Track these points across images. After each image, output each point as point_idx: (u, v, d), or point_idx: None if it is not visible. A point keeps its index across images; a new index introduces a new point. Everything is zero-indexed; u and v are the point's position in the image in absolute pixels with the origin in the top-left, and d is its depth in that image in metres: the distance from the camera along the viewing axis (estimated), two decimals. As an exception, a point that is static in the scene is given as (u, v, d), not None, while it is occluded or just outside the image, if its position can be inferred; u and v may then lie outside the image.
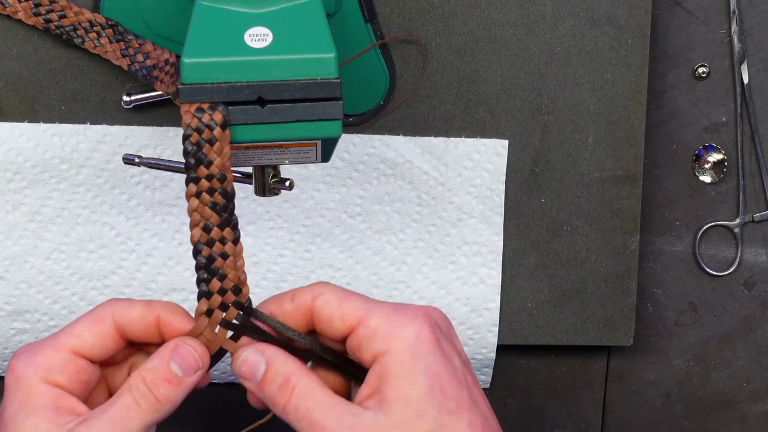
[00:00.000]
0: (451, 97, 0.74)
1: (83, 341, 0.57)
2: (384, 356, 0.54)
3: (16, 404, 0.55)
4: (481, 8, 0.73)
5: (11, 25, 0.70)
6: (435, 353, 0.54)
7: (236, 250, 0.56)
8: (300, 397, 0.55)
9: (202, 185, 0.55)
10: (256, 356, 0.56)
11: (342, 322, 0.56)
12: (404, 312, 0.55)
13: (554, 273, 0.77)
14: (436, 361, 0.54)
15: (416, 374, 0.53)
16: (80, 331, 0.57)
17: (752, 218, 0.80)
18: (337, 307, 0.56)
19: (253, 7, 0.56)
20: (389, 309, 0.55)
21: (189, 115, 0.54)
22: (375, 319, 0.55)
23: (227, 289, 0.56)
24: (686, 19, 0.78)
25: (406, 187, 0.74)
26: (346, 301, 0.56)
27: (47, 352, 0.56)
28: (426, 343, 0.54)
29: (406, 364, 0.54)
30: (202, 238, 0.56)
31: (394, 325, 0.55)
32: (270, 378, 0.56)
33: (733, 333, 0.82)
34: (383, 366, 0.54)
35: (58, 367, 0.56)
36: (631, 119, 0.75)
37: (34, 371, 0.56)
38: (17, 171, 0.72)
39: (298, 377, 0.55)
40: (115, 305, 0.58)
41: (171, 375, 0.56)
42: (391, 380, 0.53)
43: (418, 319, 0.55)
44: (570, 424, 0.83)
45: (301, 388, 0.55)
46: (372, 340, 0.55)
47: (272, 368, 0.56)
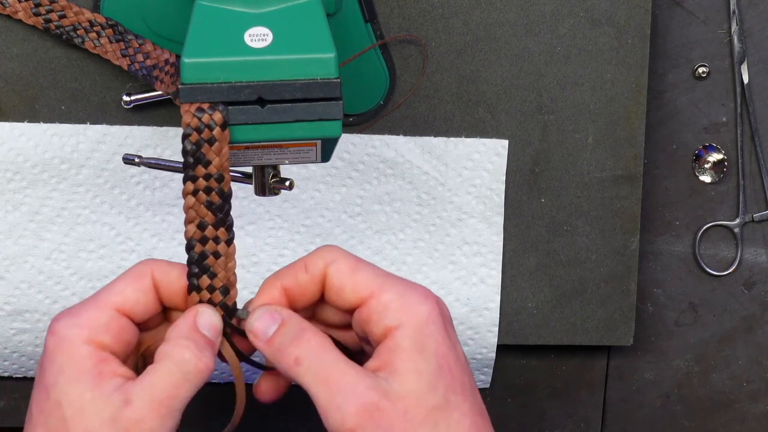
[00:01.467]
0: (451, 97, 0.74)
1: (126, 298, 0.56)
2: (396, 330, 0.54)
3: (56, 368, 0.54)
4: (481, 8, 0.73)
5: (11, 25, 0.70)
6: (444, 335, 0.55)
7: (229, 251, 0.57)
8: (315, 352, 0.54)
9: (199, 184, 0.55)
10: (273, 313, 0.56)
11: (353, 293, 0.56)
12: (416, 290, 0.55)
13: (554, 273, 0.77)
14: (444, 343, 0.55)
15: (428, 350, 0.54)
16: (122, 289, 0.56)
17: (752, 218, 0.80)
18: (349, 278, 0.56)
19: (253, 7, 0.56)
20: (402, 285, 0.56)
21: (189, 114, 0.54)
22: (388, 293, 0.55)
23: (216, 287, 0.57)
24: (686, 19, 0.78)
25: (406, 187, 0.74)
26: (358, 272, 0.56)
27: (90, 311, 0.55)
28: (437, 324, 0.55)
29: (419, 340, 0.54)
30: (195, 235, 0.56)
31: (407, 302, 0.55)
32: (284, 331, 0.55)
33: (733, 333, 0.82)
34: (395, 340, 0.54)
35: (102, 327, 0.55)
36: (631, 119, 0.75)
37: (78, 332, 0.54)
38: (17, 171, 0.72)
39: (313, 333, 0.55)
40: (154, 264, 0.57)
41: (206, 339, 0.55)
42: (403, 353, 0.54)
43: (429, 300, 0.55)
44: (570, 424, 0.82)
45: (317, 342, 0.54)
46: (383, 315, 0.55)
47: (287, 324, 0.55)
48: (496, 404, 0.81)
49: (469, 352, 0.77)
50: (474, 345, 0.77)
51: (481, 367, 0.78)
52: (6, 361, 0.76)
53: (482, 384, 0.80)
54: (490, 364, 0.78)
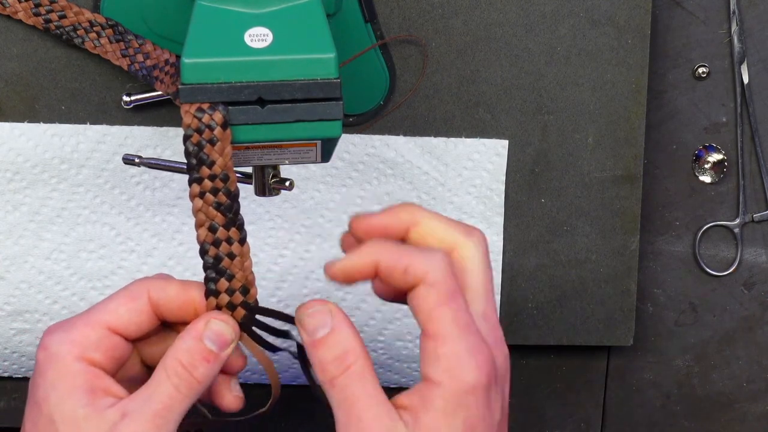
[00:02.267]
0: (451, 97, 0.74)
1: (118, 318, 0.56)
2: (435, 386, 0.53)
3: (49, 383, 0.54)
4: (481, 8, 0.73)
5: (11, 25, 0.70)
6: (481, 405, 0.53)
7: (243, 251, 0.56)
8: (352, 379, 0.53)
9: (205, 185, 0.55)
10: (326, 316, 0.55)
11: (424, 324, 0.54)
12: (474, 355, 0.53)
13: (554, 273, 0.77)
14: (479, 412, 0.53)
15: (455, 419, 0.53)
16: (115, 308, 0.56)
17: (752, 218, 0.80)
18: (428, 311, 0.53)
19: (253, 7, 0.56)
20: (464, 344, 0.53)
21: (189, 115, 0.54)
22: (447, 347, 0.53)
23: (235, 289, 0.56)
24: (686, 19, 0.78)
25: (406, 187, 0.74)
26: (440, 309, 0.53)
27: (81, 328, 0.55)
28: (477, 395, 0.53)
29: (450, 406, 0.53)
30: (207, 239, 0.56)
31: (457, 366, 0.53)
32: (329, 344, 0.54)
33: (733, 333, 0.82)
34: (430, 393, 0.53)
35: (93, 345, 0.55)
36: (631, 119, 0.75)
37: (69, 349, 0.54)
38: (17, 171, 0.72)
39: (356, 357, 0.54)
40: (151, 283, 0.57)
41: (207, 352, 0.55)
42: (432, 412, 0.53)
43: (481, 370, 0.53)
44: (570, 424, 0.83)
45: (356, 370, 0.54)
46: (434, 364, 0.53)
47: (335, 335, 0.54)
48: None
49: (469, 352, 0.77)
50: (474, 345, 0.77)
51: (481, 367, 0.78)
52: (6, 361, 0.76)
53: (482, 384, 0.80)
54: (490, 364, 0.78)
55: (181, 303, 0.57)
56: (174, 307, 0.57)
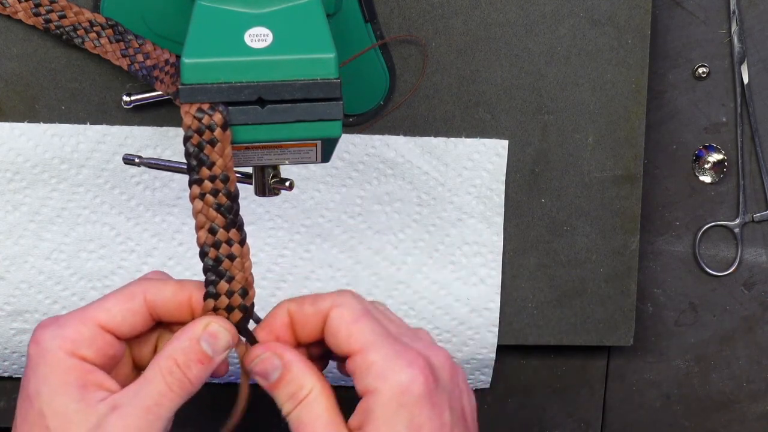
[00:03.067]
0: (451, 97, 0.74)
1: (112, 317, 0.56)
2: (371, 395, 0.54)
3: (40, 378, 0.54)
4: (481, 8, 0.73)
5: (11, 25, 0.70)
6: (423, 405, 0.54)
7: (243, 252, 0.56)
8: (305, 409, 0.55)
9: (206, 187, 0.55)
10: (273, 360, 0.56)
11: (346, 343, 0.55)
12: (403, 356, 0.54)
13: (554, 273, 0.77)
14: (422, 414, 0.54)
15: (397, 423, 0.53)
16: (110, 307, 0.56)
17: (752, 218, 0.80)
18: (346, 327, 0.55)
19: (253, 7, 0.56)
20: (390, 349, 0.55)
21: (189, 116, 0.54)
22: (373, 354, 0.54)
23: (234, 291, 0.56)
24: (686, 19, 0.78)
25: (406, 187, 0.74)
26: (358, 323, 0.55)
27: (74, 325, 0.55)
28: (415, 394, 0.54)
29: (390, 410, 0.53)
30: (208, 240, 0.55)
31: (389, 366, 0.54)
32: (283, 384, 0.56)
33: (733, 333, 0.82)
34: (369, 405, 0.54)
35: (85, 341, 0.55)
36: (631, 119, 0.75)
37: (60, 344, 0.54)
38: (17, 171, 0.72)
39: (309, 388, 0.55)
40: (147, 284, 0.57)
41: (203, 354, 0.55)
42: (374, 421, 0.53)
43: (413, 368, 0.54)
44: (570, 424, 0.83)
45: (309, 400, 0.55)
46: (365, 375, 0.54)
47: (288, 374, 0.56)
48: (496, 404, 0.82)
49: (469, 352, 0.77)
50: (474, 345, 0.77)
51: (481, 367, 0.78)
52: (6, 361, 0.76)
53: (482, 384, 0.80)
54: (490, 364, 0.78)
55: (178, 304, 0.57)
56: (170, 308, 0.57)
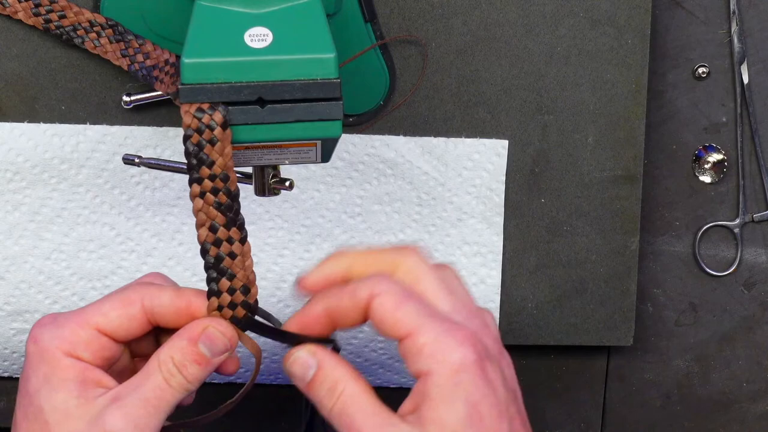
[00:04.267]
0: (451, 97, 0.74)
1: (109, 321, 0.57)
2: (426, 377, 0.54)
3: (40, 377, 0.55)
4: (481, 8, 0.73)
5: (11, 25, 0.70)
6: (478, 382, 0.54)
7: (244, 250, 0.56)
8: (345, 403, 0.55)
9: (206, 185, 0.55)
10: (309, 358, 0.56)
11: (393, 330, 0.55)
12: (454, 334, 0.54)
13: (554, 273, 0.77)
14: (478, 390, 0.53)
15: (455, 401, 0.53)
16: (107, 311, 0.57)
17: (752, 218, 0.80)
18: (391, 315, 0.55)
19: (253, 7, 0.56)
20: (440, 328, 0.54)
21: (189, 115, 0.54)
22: (423, 336, 0.54)
23: (236, 288, 0.57)
24: (686, 19, 0.78)
25: (406, 187, 0.74)
26: (400, 309, 0.55)
27: (72, 327, 0.56)
28: (470, 371, 0.53)
29: (446, 390, 0.53)
30: (208, 239, 0.56)
31: (440, 348, 0.54)
32: (319, 381, 0.56)
33: (733, 333, 0.82)
34: (425, 386, 0.54)
35: (82, 343, 0.56)
36: (631, 119, 0.75)
37: (59, 344, 0.55)
38: (17, 171, 0.72)
39: (345, 382, 0.55)
40: (145, 290, 0.57)
41: (199, 356, 0.56)
42: (430, 402, 0.53)
43: (465, 346, 0.54)
44: (570, 424, 0.83)
45: (348, 393, 0.55)
46: (417, 358, 0.54)
47: (322, 372, 0.56)
48: (496, 404, 0.81)
49: (469, 352, 0.77)
50: (474, 345, 0.77)
51: (481, 367, 0.78)
52: (6, 362, 0.76)
53: (482, 384, 0.80)
54: (490, 364, 0.78)
55: (176, 311, 0.57)
56: (168, 315, 0.57)
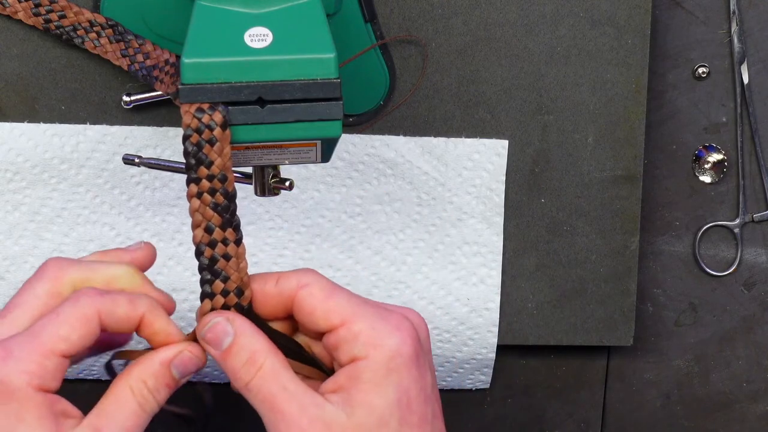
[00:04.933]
0: (451, 97, 0.74)
1: (72, 345, 0.54)
2: (360, 361, 0.54)
3: (13, 416, 0.53)
4: (481, 8, 0.73)
5: (11, 25, 0.70)
6: (410, 368, 0.54)
7: (239, 252, 0.56)
8: (264, 378, 0.54)
9: (203, 186, 0.55)
10: (225, 325, 0.55)
11: (324, 320, 0.55)
12: (389, 321, 0.55)
13: (554, 273, 0.77)
14: (410, 375, 0.54)
15: (387, 385, 0.54)
16: (68, 335, 0.54)
17: (752, 218, 0.80)
18: (321, 303, 0.55)
19: (253, 7, 0.56)
20: (374, 315, 0.55)
21: (189, 115, 0.54)
22: (359, 323, 0.54)
23: (230, 290, 0.56)
24: (686, 19, 0.78)
25: (406, 187, 0.74)
26: (331, 299, 0.55)
27: (36, 358, 0.53)
28: (404, 357, 0.54)
29: (380, 374, 0.54)
30: (204, 239, 0.56)
31: (376, 334, 0.54)
32: (235, 351, 0.55)
33: (733, 333, 0.82)
34: (357, 370, 0.54)
35: (50, 375, 0.54)
36: (631, 119, 0.75)
37: (28, 380, 0.53)
38: (17, 171, 0.72)
39: (265, 356, 0.54)
40: (100, 303, 0.55)
41: (171, 380, 0.55)
42: (362, 385, 0.53)
43: (401, 331, 0.54)
44: (570, 424, 0.83)
45: (267, 368, 0.54)
46: (352, 344, 0.54)
47: (239, 341, 0.55)
48: (496, 404, 0.82)
49: (469, 352, 0.77)
50: (474, 345, 0.77)
51: (481, 368, 0.78)
52: (6, 361, 0.76)
53: (482, 384, 0.80)
54: (490, 364, 0.78)
55: (129, 321, 0.56)
56: (123, 326, 0.56)
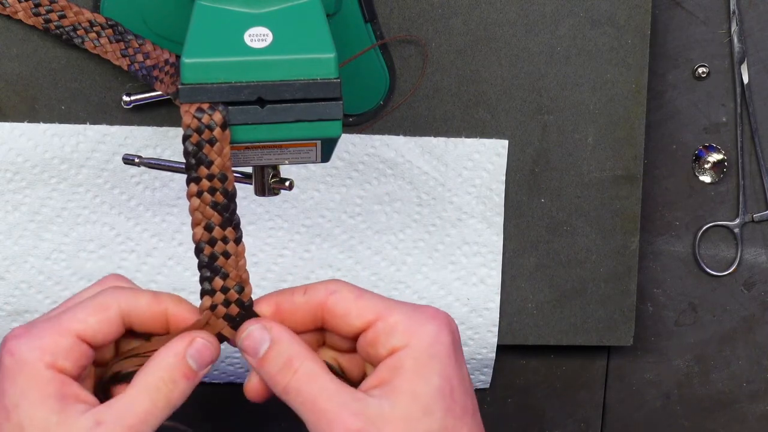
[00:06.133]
0: (451, 97, 0.74)
1: (88, 327, 0.55)
2: (401, 351, 0.54)
3: (18, 391, 0.53)
4: (481, 8, 0.73)
5: (11, 25, 0.70)
6: (450, 356, 0.54)
7: (238, 250, 0.57)
8: (302, 381, 0.54)
9: (203, 185, 0.55)
10: (262, 332, 0.56)
11: (358, 318, 0.55)
12: (424, 311, 0.55)
13: (554, 273, 0.77)
14: (450, 364, 0.54)
15: (430, 372, 0.53)
16: (85, 317, 0.55)
17: (752, 218, 0.80)
18: (354, 304, 0.56)
19: (253, 7, 0.56)
20: (408, 307, 0.55)
21: (189, 115, 0.54)
22: (395, 315, 0.55)
23: (230, 287, 0.57)
24: (686, 19, 0.78)
25: (406, 187, 0.74)
26: (362, 299, 0.56)
27: (52, 336, 0.54)
28: (444, 344, 0.54)
29: (422, 361, 0.53)
30: (203, 237, 0.56)
31: (414, 322, 0.54)
32: (272, 357, 0.55)
33: (733, 333, 0.82)
34: (398, 360, 0.54)
35: (63, 353, 0.54)
36: (631, 119, 0.75)
37: (39, 356, 0.54)
38: (17, 171, 0.72)
39: (302, 360, 0.54)
40: (121, 295, 0.56)
41: (188, 370, 0.55)
42: (404, 374, 0.53)
43: (438, 320, 0.55)
44: (570, 424, 0.83)
45: (304, 371, 0.54)
46: (390, 335, 0.54)
47: (276, 347, 0.55)
48: (496, 404, 0.82)
49: (469, 352, 0.77)
50: (474, 345, 0.77)
51: (481, 367, 0.78)
52: (6, 361, 0.76)
53: (482, 384, 0.80)
54: (490, 364, 0.78)
55: (153, 316, 0.56)
56: (145, 320, 0.56)
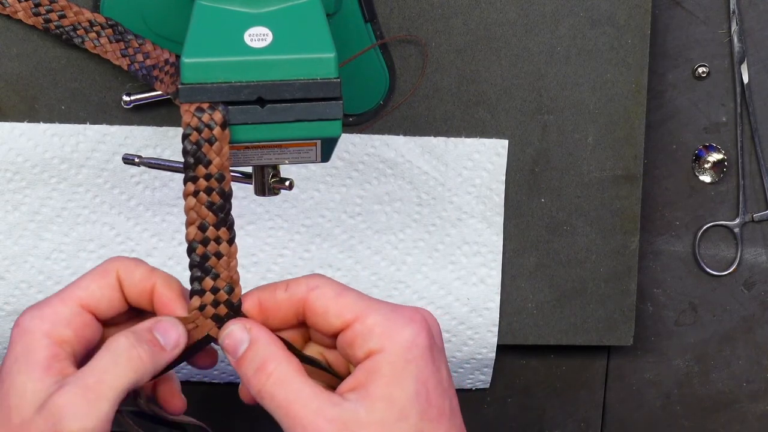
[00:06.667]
0: (451, 97, 0.74)
1: (90, 293, 0.56)
2: (377, 354, 0.54)
3: (13, 358, 0.55)
4: (481, 8, 0.73)
5: (11, 25, 0.70)
6: (427, 359, 0.54)
7: (230, 251, 0.57)
8: (276, 385, 0.54)
9: (200, 184, 0.55)
10: (242, 333, 0.56)
11: (337, 317, 0.55)
12: (402, 313, 0.55)
13: (554, 273, 0.77)
14: (427, 367, 0.54)
15: (406, 377, 0.53)
16: (87, 284, 0.56)
17: (752, 218, 0.80)
18: (334, 302, 0.55)
19: (253, 7, 0.56)
20: (387, 308, 0.55)
21: (189, 114, 0.54)
22: (373, 317, 0.55)
23: (220, 288, 0.56)
24: (686, 19, 0.78)
25: (406, 187, 0.74)
26: (342, 297, 0.56)
27: (54, 304, 0.56)
28: (420, 348, 0.54)
29: (398, 366, 0.53)
30: (197, 237, 0.56)
31: (391, 325, 0.54)
32: (248, 358, 0.55)
33: (733, 333, 0.82)
34: (374, 363, 0.54)
35: (64, 320, 0.55)
36: (631, 119, 0.75)
37: (39, 324, 0.55)
38: (17, 171, 0.72)
39: (277, 362, 0.54)
40: (121, 263, 0.57)
41: (153, 339, 0.55)
42: (380, 378, 0.53)
43: (415, 323, 0.54)
44: (570, 424, 0.83)
45: (278, 375, 0.54)
46: (367, 338, 0.54)
47: (252, 348, 0.55)
48: (496, 404, 0.82)
49: (469, 352, 0.77)
50: (474, 345, 0.77)
51: (481, 367, 0.78)
52: (6, 361, 0.76)
53: (482, 384, 0.80)
54: (490, 364, 0.78)
55: (143, 289, 0.57)
56: (136, 292, 0.57)
